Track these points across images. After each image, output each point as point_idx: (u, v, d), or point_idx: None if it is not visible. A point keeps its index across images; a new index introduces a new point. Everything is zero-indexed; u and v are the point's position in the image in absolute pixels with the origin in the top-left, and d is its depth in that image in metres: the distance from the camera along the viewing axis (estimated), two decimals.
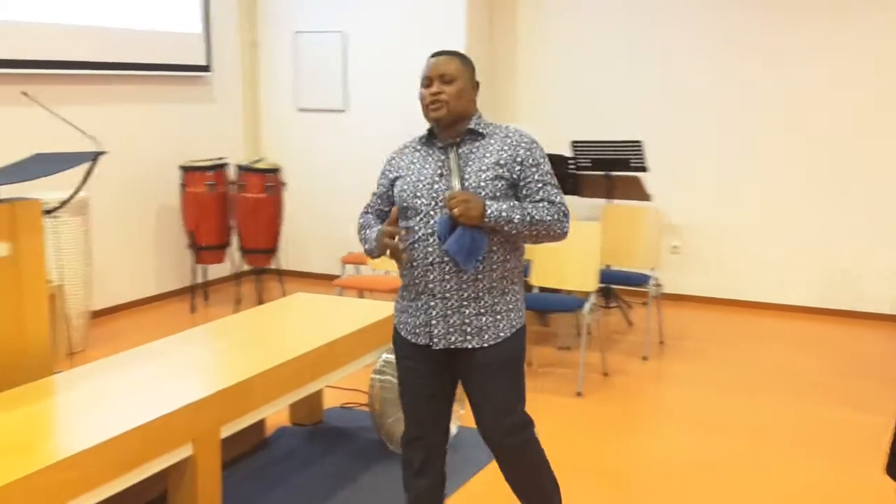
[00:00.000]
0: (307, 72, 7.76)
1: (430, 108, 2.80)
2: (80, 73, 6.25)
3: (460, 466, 4.00)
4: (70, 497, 2.58)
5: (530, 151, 2.79)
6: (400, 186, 2.84)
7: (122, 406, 3.02)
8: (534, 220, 2.71)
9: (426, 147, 2.88)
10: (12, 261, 3.44)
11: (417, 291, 2.80)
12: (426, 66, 2.85)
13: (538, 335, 6.22)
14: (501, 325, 2.81)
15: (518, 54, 7.65)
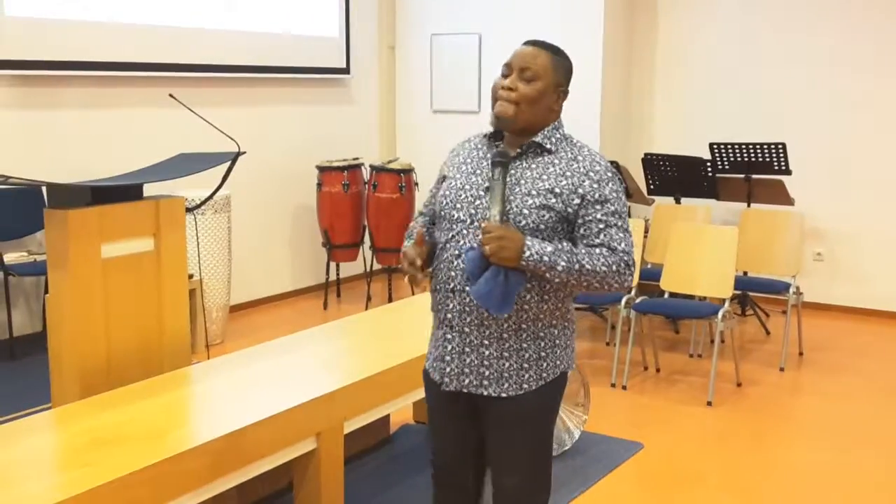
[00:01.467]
0: (443, 74, 7.84)
1: (499, 101, 2.32)
2: (224, 76, 6.52)
3: (573, 476, 3.95)
4: (198, 485, 2.69)
5: (599, 184, 2.27)
6: (444, 189, 2.38)
7: (252, 398, 3.13)
8: (584, 270, 2.22)
9: (486, 148, 2.39)
10: (155, 255, 3.61)
11: (439, 320, 2.37)
12: (512, 53, 2.36)
13: (668, 342, 6.07)
14: (528, 376, 2.31)
15: (657, 54, 7.49)
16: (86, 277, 3.34)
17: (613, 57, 7.27)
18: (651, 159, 6.63)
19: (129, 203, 3.54)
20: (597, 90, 7.14)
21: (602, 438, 4.34)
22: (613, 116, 7.34)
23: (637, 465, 4.10)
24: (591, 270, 2.22)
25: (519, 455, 2.37)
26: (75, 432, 2.83)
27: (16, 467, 2.55)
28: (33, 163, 5.56)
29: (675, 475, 4.00)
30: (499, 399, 2.31)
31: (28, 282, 5.73)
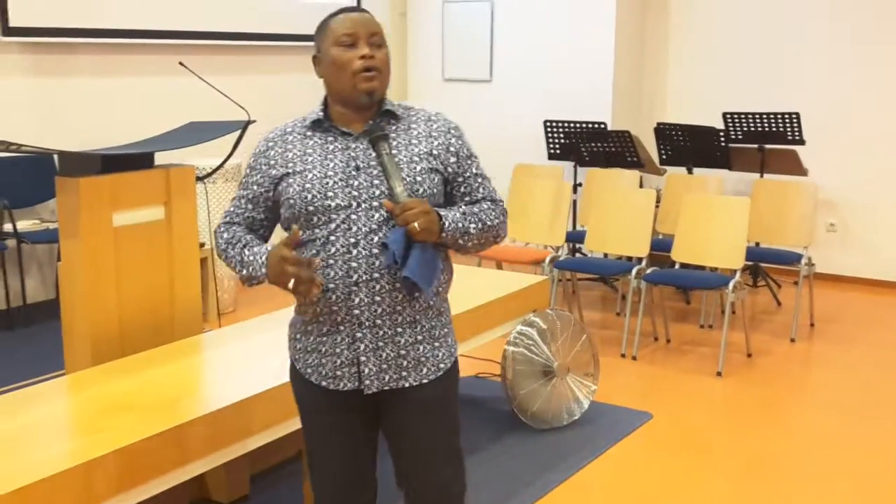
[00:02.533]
0: (454, 42, 7.78)
1: (363, 76, 2.09)
2: (234, 43, 6.50)
3: (582, 445, 3.97)
4: (209, 451, 2.71)
5: (461, 140, 2.22)
6: (298, 185, 2.11)
7: (263, 366, 3.15)
8: (486, 228, 2.18)
9: (322, 133, 2.18)
10: (166, 224, 3.62)
11: (335, 322, 2.12)
12: (343, 23, 2.12)
13: (680, 312, 6.06)
14: (441, 354, 2.21)
15: (670, 22, 7.41)
16: (97, 245, 3.35)
17: (626, 25, 7.20)
18: (664, 129, 6.58)
19: (140, 171, 3.54)
20: (609, 59, 7.09)
21: (611, 408, 4.35)
22: (626, 86, 7.29)
23: (646, 434, 4.11)
24: (490, 226, 2.20)
25: (448, 443, 2.25)
26: (88, 399, 2.86)
27: (30, 432, 2.58)
28: (45, 130, 5.56)
29: (683, 444, 4.01)
30: (419, 387, 2.17)
31: (41, 249, 5.76)
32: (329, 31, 2.13)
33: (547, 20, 7.32)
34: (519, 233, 5.87)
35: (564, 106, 7.18)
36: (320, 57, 2.17)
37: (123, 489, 2.45)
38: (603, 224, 5.54)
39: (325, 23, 2.16)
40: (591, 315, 5.95)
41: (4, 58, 5.46)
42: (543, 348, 4.10)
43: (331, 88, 2.18)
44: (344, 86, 2.12)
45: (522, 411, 4.08)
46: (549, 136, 6.87)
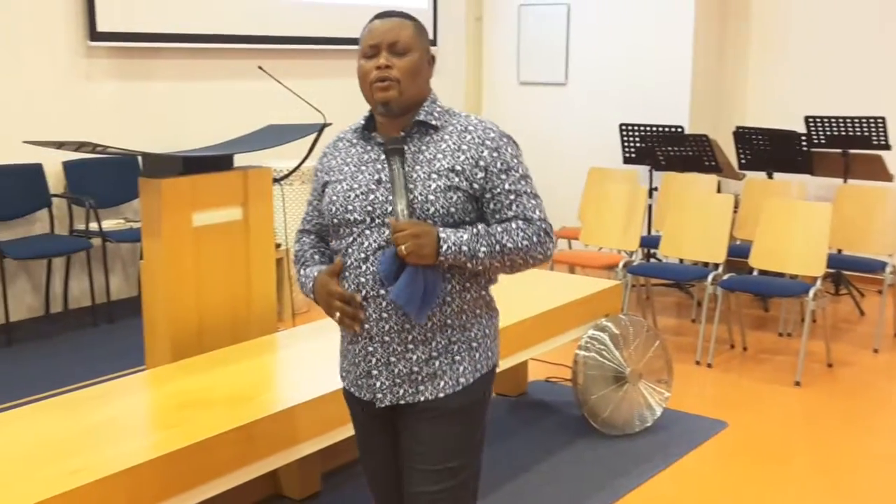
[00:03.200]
0: (530, 45, 7.76)
1: (377, 86, 2.04)
2: (311, 48, 6.60)
3: (654, 452, 3.92)
4: (283, 447, 2.76)
5: (498, 152, 2.05)
6: (329, 196, 2.11)
7: (334, 365, 3.18)
8: (506, 250, 2.01)
9: (364, 142, 2.13)
10: (243, 225, 3.70)
11: (353, 333, 2.11)
12: (368, 32, 2.08)
13: (757, 319, 5.94)
14: (462, 369, 2.09)
15: (751, 23, 7.26)
16: (178, 245, 3.44)
17: (705, 28, 7.09)
18: (743, 133, 6.46)
19: (220, 173, 3.63)
20: (687, 61, 6.99)
21: (685, 416, 4.29)
22: (704, 89, 7.17)
23: (721, 443, 4.04)
24: (514, 248, 2.02)
25: (446, 459, 2.10)
26: (167, 394, 2.94)
27: (111, 425, 2.67)
28: (130, 132, 5.74)
29: (760, 455, 3.93)
30: (434, 400, 2.07)
31: (125, 248, 5.94)
32: (360, 41, 2.10)
33: (624, 22, 7.25)
34: (592, 237, 5.83)
35: (640, 109, 7.10)
36: None
37: (200, 482, 2.51)
38: (679, 229, 5.46)
39: (361, 34, 2.13)
40: (665, 321, 5.87)
41: (92, 62, 5.65)
42: (615, 353, 4.07)
43: (366, 100, 2.13)
44: (367, 96, 2.09)
45: (593, 416, 4.05)
46: (624, 139, 6.81)
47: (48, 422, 2.67)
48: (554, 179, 7.64)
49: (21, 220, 5.46)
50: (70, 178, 5.60)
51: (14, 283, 5.47)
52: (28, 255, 5.27)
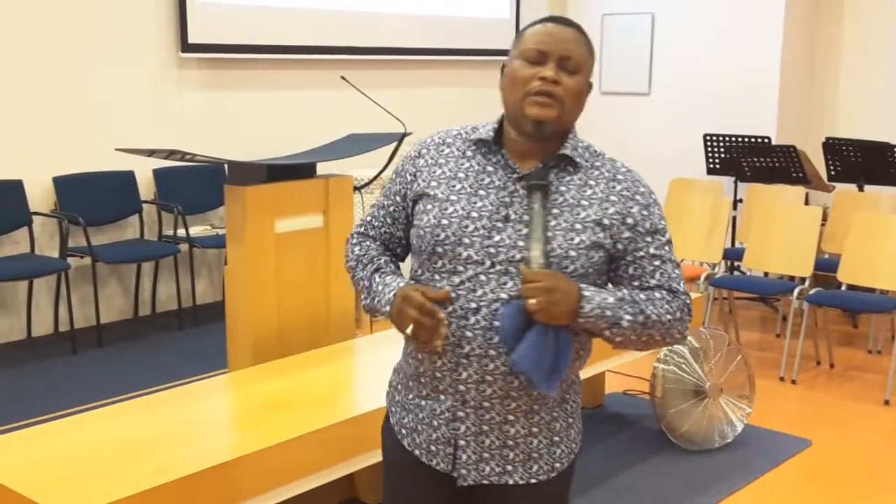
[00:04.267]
0: (613, 54, 7.71)
1: (535, 100, 1.71)
2: (393, 58, 6.68)
3: (734, 469, 3.83)
4: (360, 452, 2.80)
5: (648, 210, 1.78)
6: (434, 217, 1.75)
7: None
8: (648, 323, 1.71)
9: (484, 157, 1.79)
10: (324, 231, 3.77)
11: (437, 389, 1.77)
12: (540, 34, 1.74)
13: (845, 336, 5.76)
14: (559, 452, 1.81)
15: (843, 32, 7.07)
16: (260, 251, 3.52)
17: (795, 36, 6.93)
18: (833, 144, 6.28)
19: (302, 181, 3.70)
20: (775, 70, 6.84)
21: (767, 433, 4.19)
22: (792, 98, 7.01)
23: (804, 462, 3.93)
24: (657, 321, 1.72)
25: None
26: (248, 396, 3.01)
27: (195, 425, 2.75)
28: (217, 141, 5.89)
29: (846, 476, 3.81)
30: (525, 487, 1.78)
31: (211, 253, 6.10)
32: (521, 39, 1.77)
33: (709, 30, 7.14)
34: (674, 249, 5.73)
35: (725, 119, 6.98)
36: (504, 67, 1.81)
37: (279, 483, 2.56)
38: (764, 241, 5.34)
39: (524, 30, 1.80)
40: (748, 335, 5.74)
41: (182, 73, 5.83)
42: (695, 367, 4.00)
43: (504, 105, 1.79)
44: (513, 105, 1.74)
45: (671, 431, 3.99)
46: (708, 150, 6.70)
47: (135, 420, 2.76)
48: None
49: (113, 225, 5.66)
50: (160, 185, 5.79)
51: (105, 287, 5.66)
52: (119, 259, 5.45)
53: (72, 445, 2.56)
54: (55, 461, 2.45)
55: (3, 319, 5.31)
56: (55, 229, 5.42)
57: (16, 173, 5.22)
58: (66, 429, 2.71)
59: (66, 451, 2.52)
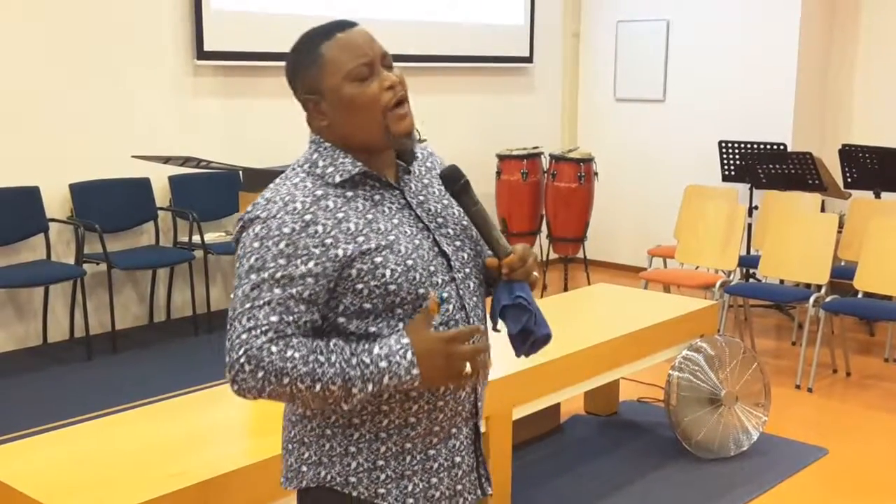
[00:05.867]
0: (627, 61, 7.70)
1: (396, 114, 1.60)
2: (407, 65, 6.68)
3: (749, 478, 3.81)
4: None
5: None
6: (397, 264, 1.57)
7: None
8: None
9: (362, 190, 1.62)
10: None
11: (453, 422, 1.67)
12: (350, 48, 1.61)
13: (862, 344, 5.72)
14: None
15: (859, 39, 7.04)
16: None
17: (810, 42, 6.90)
18: (850, 151, 6.25)
19: None
20: (791, 77, 6.81)
21: (782, 441, 4.16)
22: (808, 105, 6.98)
23: (820, 471, 3.90)
24: None
25: None
26: (263, 402, 3.00)
27: (210, 431, 2.75)
28: (232, 148, 5.92)
29: (862, 485, 3.78)
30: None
31: (225, 260, 6.12)
32: (329, 62, 1.60)
33: (725, 36, 7.12)
34: (688, 255, 5.73)
35: (741, 126, 6.95)
36: (317, 99, 1.61)
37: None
38: (780, 249, 5.32)
39: (313, 51, 1.62)
40: (763, 343, 5.71)
41: (198, 80, 5.86)
42: (710, 375, 3.98)
43: (348, 137, 1.61)
44: (370, 129, 1.59)
45: (686, 439, 3.97)
46: (723, 157, 6.67)
47: (151, 426, 2.77)
48: (650, 197, 7.55)
49: (129, 231, 5.69)
50: (175, 191, 5.81)
51: (120, 293, 5.69)
52: (134, 265, 5.48)
53: (87, 451, 2.57)
54: (70, 467, 2.46)
55: (19, 325, 5.34)
56: (71, 236, 5.46)
57: (32, 180, 5.25)
58: (81, 434, 2.72)
59: (81, 456, 2.53)
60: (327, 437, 1.62)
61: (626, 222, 7.74)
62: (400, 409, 1.60)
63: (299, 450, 1.66)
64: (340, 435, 1.61)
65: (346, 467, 1.62)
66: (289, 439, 1.69)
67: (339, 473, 1.62)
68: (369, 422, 1.60)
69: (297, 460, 1.66)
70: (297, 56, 1.64)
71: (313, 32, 1.64)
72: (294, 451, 1.67)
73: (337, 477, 1.62)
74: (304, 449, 1.65)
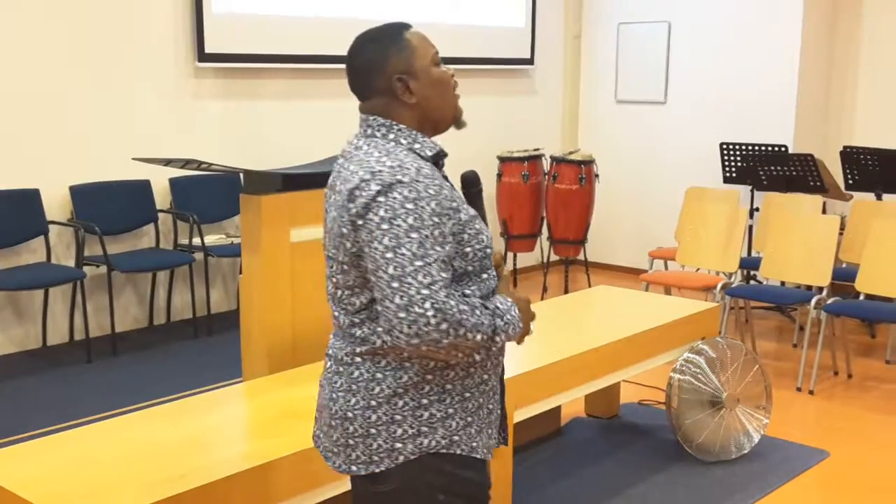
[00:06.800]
0: (629, 63, 7.69)
1: (457, 95, 1.94)
2: None
3: (751, 481, 3.80)
4: None
5: None
6: (483, 233, 1.82)
7: None
8: None
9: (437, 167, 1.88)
10: None
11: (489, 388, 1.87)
12: (424, 40, 1.90)
13: (863, 346, 5.71)
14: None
15: (861, 39, 7.03)
16: (275, 260, 3.52)
17: (813, 44, 6.89)
18: (851, 152, 6.24)
19: (318, 190, 3.67)
20: (793, 79, 6.81)
21: (784, 444, 4.15)
22: (810, 107, 6.97)
23: (821, 474, 3.89)
24: None
25: None
26: (263, 405, 3.01)
27: (210, 434, 2.74)
28: (233, 150, 5.91)
29: (864, 488, 3.77)
30: None
31: (225, 262, 6.11)
32: (418, 47, 1.87)
33: (726, 38, 7.11)
34: (689, 257, 5.72)
35: (742, 128, 6.95)
36: (408, 79, 1.84)
37: (295, 493, 2.55)
38: (781, 251, 5.31)
39: (400, 39, 1.86)
40: (764, 345, 5.70)
41: (199, 82, 5.86)
42: (712, 377, 3.97)
43: (431, 113, 1.88)
44: (446, 107, 1.90)
45: (687, 441, 3.96)
46: (725, 158, 6.66)
47: (151, 429, 2.76)
48: (650, 199, 7.54)
49: (129, 234, 5.68)
50: (175, 194, 5.81)
51: (120, 295, 5.68)
52: (134, 268, 5.47)
53: (86, 455, 2.56)
54: (70, 471, 2.45)
55: (18, 328, 5.34)
56: (71, 238, 5.45)
57: (32, 182, 5.25)
58: (80, 438, 2.71)
59: (80, 460, 2.52)
60: (424, 407, 1.77)
61: (626, 224, 7.73)
62: (480, 367, 1.82)
63: (389, 429, 1.77)
64: (437, 402, 1.77)
65: (448, 429, 1.78)
66: (369, 424, 1.78)
67: (443, 436, 1.78)
68: (460, 384, 1.79)
69: (388, 440, 1.77)
70: (383, 44, 1.85)
71: (384, 27, 1.88)
72: (381, 432, 1.77)
73: (441, 440, 1.77)
74: (394, 427, 1.77)
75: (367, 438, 1.78)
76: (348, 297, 1.81)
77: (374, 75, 1.84)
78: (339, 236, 1.77)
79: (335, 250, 1.81)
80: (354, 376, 1.80)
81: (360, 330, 1.79)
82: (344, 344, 1.84)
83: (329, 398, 1.85)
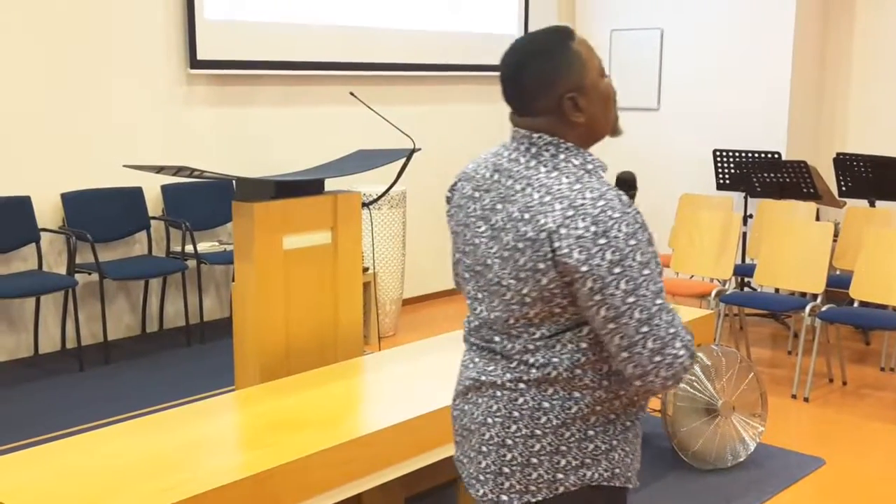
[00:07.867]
0: (622, 70, 7.70)
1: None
2: (402, 74, 6.67)
3: (747, 489, 3.78)
4: (366, 472, 2.77)
5: None
6: None
7: (422, 390, 3.19)
8: None
9: None
10: (332, 248, 3.75)
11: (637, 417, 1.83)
12: (591, 47, 1.75)
13: (858, 353, 5.71)
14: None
15: (853, 47, 7.05)
16: (268, 267, 3.50)
17: (805, 51, 6.91)
18: (844, 159, 6.25)
19: (310, 197, 3.68)
20: (785, 86, 6.82)
21: (779, 452, 4.14)
22: (803, 114, 6.98)
23: (817, 481, 3.88)
24: None
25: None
26: (256, 414, 2.98)
27: (202, 444, 2.72)
28: (226, 157, 5.89)
29: (859, 495, 3.76)
30: None
31: (218, 270, 6.09)
32: (587, 59, 1.71)
33: (718, 45, 7.12)
34: (683, 265, 5.71)
35: (735, 135, 6.96)
36: (577, 96, 1.71)
37: (288, 503, 2.53)
38: (775, 257, 5.31)
39: (568, 52, 1.70)
40: (759, 352, 5.69)
41: (191, 89, 5.84)
42: (707, 385, 3.96)
43: (598, 130, 1.77)
44: (611, 122, 1.79)
45: (683, 449, 3.94)
46: (718, 165, 6.67)
47: (143, 439, 2.74)
48: (644, 205, 7.54)
49: (121, 241, 5.65)
50: (168, 201, 5.78)
51: (113, 303, 5.65)
52: (127, 275, 5.44)
53: (78, 464, 2.53)
54: (61, 480, 2.43)
55: (10, 336, 5.30)
56: (63, 246, 5.42)
57: (24, 190, 5.22)
58: (72, 447, 2.68)
59: (72, 470, 2.50)
60: (590, 439, 1.72)
61: None
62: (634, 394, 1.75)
63: (552, 459, 1.72)
64: (602, 433, 1.73)
65: (611, 461, 1.74)
66: (532, 454, 1.73)
67: (605, 469, 1.73)
68: (623, 415, 1.75)
69: (549, 470, 1.72)
70: (552, 60, 1.69)
71: (548, 37, 1.71)
72: (543, 462, 1.72)
73: (604, 472, 1.73)
74: (558, 457, 1.72)
75: (526, 468, 1.72)
76: (525, 327, 1.71)
77: (542, 95, 1.71)
78: (534, 271, 1.64)
79: (517, 282, 1.68)
80: (518, 403, 1.72)
81: (533, 357, 1.70)
82: (504, 370, 1.75)
83: (482, 423, 1.76)
